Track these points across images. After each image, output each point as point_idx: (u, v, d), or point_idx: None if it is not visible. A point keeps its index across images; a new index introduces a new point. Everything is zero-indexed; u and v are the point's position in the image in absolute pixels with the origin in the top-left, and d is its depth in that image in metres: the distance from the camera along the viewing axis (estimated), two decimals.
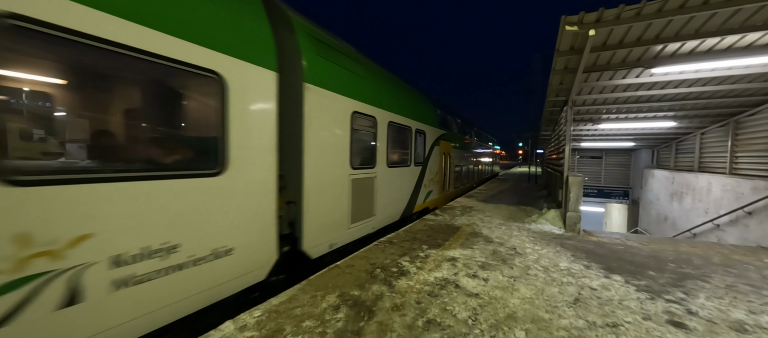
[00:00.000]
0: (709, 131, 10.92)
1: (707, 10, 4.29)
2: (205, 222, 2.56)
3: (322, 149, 4.02)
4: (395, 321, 2.79)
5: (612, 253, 4.98)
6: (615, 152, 19.87)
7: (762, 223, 7.33)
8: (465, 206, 9.11)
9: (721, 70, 6.19)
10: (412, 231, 5.92)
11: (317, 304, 3.04)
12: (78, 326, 1.91)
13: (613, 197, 20.13)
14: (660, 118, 10.38)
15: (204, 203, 2.55)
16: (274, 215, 3.25)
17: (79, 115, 2.11)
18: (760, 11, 4.38)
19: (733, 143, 9.41)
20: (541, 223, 6.99)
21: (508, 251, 4.84)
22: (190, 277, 2.48)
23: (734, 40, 5.09)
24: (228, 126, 2.70)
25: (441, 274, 3.85)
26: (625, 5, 4.47)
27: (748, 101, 8.05)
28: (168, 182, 2.32)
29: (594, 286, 3.65)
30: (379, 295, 3.26)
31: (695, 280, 3.95)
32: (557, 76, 7.16)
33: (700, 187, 10.78)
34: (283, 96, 3.37)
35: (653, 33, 5.17)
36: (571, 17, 4.88)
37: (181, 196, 2.40)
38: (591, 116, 10.96)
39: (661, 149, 15.66)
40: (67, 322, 1.85)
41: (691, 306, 3.23)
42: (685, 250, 5.32)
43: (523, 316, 2.92)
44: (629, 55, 5.95)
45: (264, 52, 3.07)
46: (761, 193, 7.49)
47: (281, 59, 3.29)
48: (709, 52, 5.56)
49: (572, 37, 5.50)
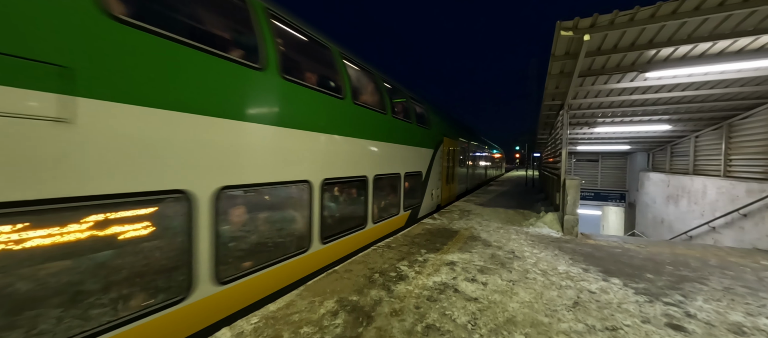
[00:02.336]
0: (703, 134, 11.04)
1: (699, 15, 4.37)
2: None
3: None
4: (394, 326, 2.77)
5: (610, 256, 5.00)
6: (611, 156, 20.00)
7: (757, 225, 7.38)
8: (463, 209, 9.12)
9: (714, 74, 6.29)
10: (410, 235, 5.91)
11: (315, 310, 3.01)
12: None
13: (609, 200, 20.21)
14: (655, 121, 10.49)
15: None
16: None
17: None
18: (751, 16, 4.46)
19: (727, 146, 9.51)
20: (538, 226, 7.00)
21: (507, 255, 4.84)
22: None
23: (726, 44, 5.18)
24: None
25: (440, 278, 3.84)
26: (619, 11, 4.54)
27: (740, 104, 8.15)
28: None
29: (592, 289, 3.65)
30: (378, 300, 3.24)
31: (693, 283, 3.97)
32: (553, 80, 7.23)
33: (695, 190, 10.86)
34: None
35: (647, 38, 5.25)
36: (566, 22, 4.94)
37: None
38: (587, 119, 11.06)
39: (657, 152, 15.80)
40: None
41: (690, 309, 3.24)
42: (682, 253, 5.34)
43: (523, 320, 2.91)
44: (623, 59, 6.03)
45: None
46: (756, 195, 7.55)
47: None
48: (702, 56, 5.65)
49: (567, 42, 5.57)
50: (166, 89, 2.41)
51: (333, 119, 4.38)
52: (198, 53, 2.62)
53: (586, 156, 20.68)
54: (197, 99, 2.60)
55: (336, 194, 4.74)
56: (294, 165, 3.67)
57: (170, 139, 2.42)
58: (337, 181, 4.51)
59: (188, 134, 2.53)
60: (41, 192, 1.83)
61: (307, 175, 3.89)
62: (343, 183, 4.73)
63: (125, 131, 2.17)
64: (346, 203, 5.06)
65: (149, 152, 2.30)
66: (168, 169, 2.41)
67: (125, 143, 2.17)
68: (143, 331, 2.26)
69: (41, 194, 1.83)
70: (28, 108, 1.75)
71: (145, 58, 2.28)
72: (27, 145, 1.77)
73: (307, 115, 3.87)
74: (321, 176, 4.10)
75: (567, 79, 6.86)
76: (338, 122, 4.49)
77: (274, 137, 3.38)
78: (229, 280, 2.88)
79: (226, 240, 2.93)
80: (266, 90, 3.29)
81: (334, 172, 4.38)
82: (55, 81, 1.84)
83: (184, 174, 2.50)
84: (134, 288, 2.30)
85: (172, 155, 2.44)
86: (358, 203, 5.23)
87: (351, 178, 4.85)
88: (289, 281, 3.65)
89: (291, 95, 3.61)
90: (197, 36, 2.72)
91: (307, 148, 3.87)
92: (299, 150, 3.74)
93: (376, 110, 5.57)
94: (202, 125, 2.61)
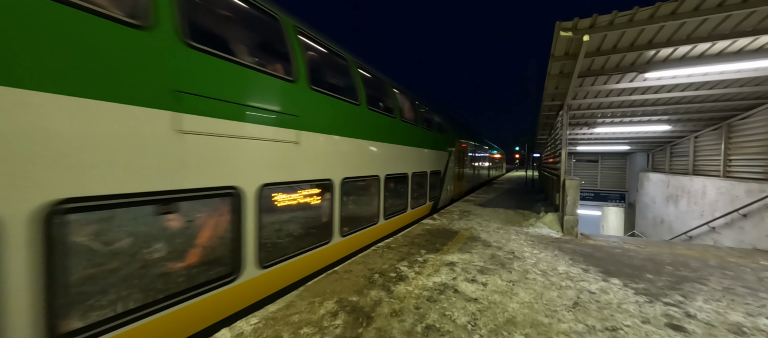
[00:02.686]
0: (702, 134, 11.05)
1: (698, 16, 4.37)
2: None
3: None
4: (394, 327, 2.76)
5: (610, 256, 5.00)
6: (611, 156, 20.01)
7: (757, 225, 7.38)
8: (463, 210, 9.12)
9: (713, 75, 6.29)
10: (410, 236, 5.91)
11: (315, 310, 3.01)
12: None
13: (609, 200, 20.22)
14: (654, 122, 10.50)
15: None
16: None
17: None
18: (749, 17, 4.47)
19: (727, 146, 9.52)
20: (538, 227, 7.00)
21: (507, 255, 4.84)
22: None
23: (725, 45, 5.18)
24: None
25: (440, 279, 3.84)
26: (618, 11, 4.55)
27: (739, 104, 8.16)
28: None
29: (592, 290, 3.65)
30: (378, 301, 3.24)
31: (693, 283, 3.97)
32: (553, 80, 7.24)
33: (695, 190, 10.86)
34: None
35: (646, 38, 5.26)
36: (566, 23, 4.95)
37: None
38: (586, 119, 11.07)
39: (656, 152, 15.81)
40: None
41: (690, 309, 3.24)
42: (682, 253, 5.34)
43: (523, 321, 2.90)
44: (623, 60, 6.04)
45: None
46: (755, 195, 7.56)
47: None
48: (701, 57, 5.66)
49: (567, 43, 5.57)
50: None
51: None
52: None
53: (586, 156, 20.69)
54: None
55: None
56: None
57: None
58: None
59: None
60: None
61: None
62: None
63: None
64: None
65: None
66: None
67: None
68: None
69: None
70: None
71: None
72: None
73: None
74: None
75: (566, 79, 6.87)
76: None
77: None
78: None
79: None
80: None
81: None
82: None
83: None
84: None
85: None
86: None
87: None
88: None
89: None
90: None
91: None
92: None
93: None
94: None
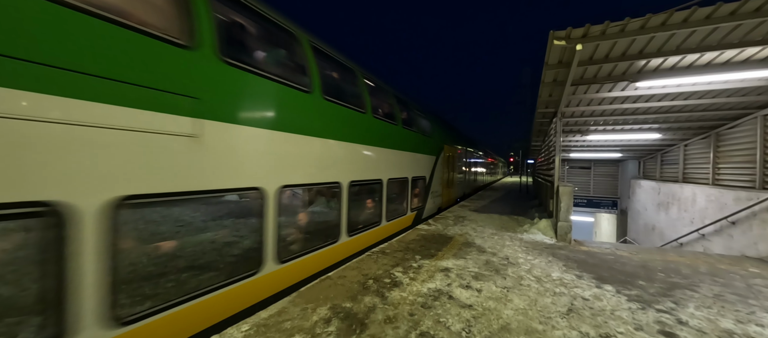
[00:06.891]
0: (692, 142, 11.29)
1: (687, 27, 4.49)
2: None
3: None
4: (388, 333, 2.73)
5: (603, 263, 5.03)
6: (603, 163, 20.31)
7: (745, 233, 7.52)
8: (458, 215, 9.12)
9: (702, 85, 6.45)
10: (404, 241, 5.88)
11: (308, 317, 2.96)
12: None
13: (602, 207, 20.46)
14: (645, 130, 10.69)
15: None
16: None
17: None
18: (736, 30, 4.61)
19: (715, 155, 9.73)
20: (532, 233, 7.03)
21: (501, 262, 4.84)
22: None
23: (713, 56, 5.33)
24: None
25: (434, 285, 3.81)
26: (610, 22, 4.65)
27: (727, 114, 8.37)
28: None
29: (586, 296, 3.66)
30: (372, 307, 3.20)
31: (684, 289, 4.00)
32: (546, 88, 7.34)
33: (685, 197, 11.05)
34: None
35: (637, 49, 5.38)
36: (559, 32, 5.04)
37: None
38: (579, 127, 11.23)
39: (647, 160, 16.08)
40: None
41: (681, 316, 3.26)
42: (673, 259, 5.41)
43: (517, 327, 2.89)
44: (615, 69, 6.16)
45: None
46: (743, 203, 7.71)
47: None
48: (690, 67, 5.80)
49: (560, 51, 5.67)
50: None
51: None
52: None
53: (579, 163, 20.96)
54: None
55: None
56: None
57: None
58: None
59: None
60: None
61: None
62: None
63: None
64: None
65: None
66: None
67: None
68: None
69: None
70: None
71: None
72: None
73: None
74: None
75: (560, 87, 6.97)
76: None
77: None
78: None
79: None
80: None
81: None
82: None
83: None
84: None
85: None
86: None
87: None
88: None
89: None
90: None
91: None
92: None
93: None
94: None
